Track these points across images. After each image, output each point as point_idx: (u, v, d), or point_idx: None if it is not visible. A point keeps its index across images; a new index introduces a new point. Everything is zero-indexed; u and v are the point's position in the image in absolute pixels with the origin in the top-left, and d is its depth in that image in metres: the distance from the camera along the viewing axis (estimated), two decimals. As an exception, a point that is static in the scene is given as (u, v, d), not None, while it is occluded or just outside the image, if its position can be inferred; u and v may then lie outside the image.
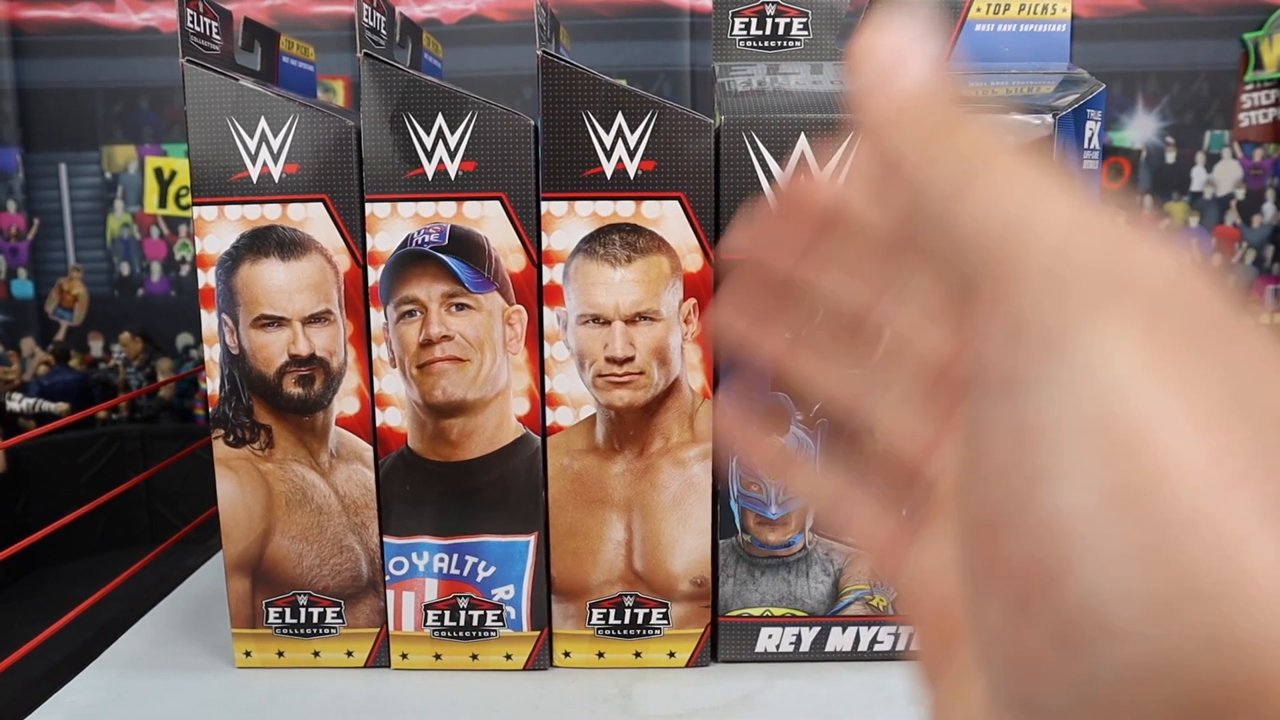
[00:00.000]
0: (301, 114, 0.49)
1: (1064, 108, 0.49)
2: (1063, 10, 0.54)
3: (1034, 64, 0.54)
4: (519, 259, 0.50)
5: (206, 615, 0.60)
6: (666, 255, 0.49)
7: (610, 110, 0.48)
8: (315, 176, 0.50)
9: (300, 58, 0.65)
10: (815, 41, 0.55)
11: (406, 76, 0.48)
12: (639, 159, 0.48)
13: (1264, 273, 1.30)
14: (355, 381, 0.51)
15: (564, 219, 0.49)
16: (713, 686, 0.52)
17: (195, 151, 0.50)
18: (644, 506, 0.52)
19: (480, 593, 0.53)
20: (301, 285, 0.50)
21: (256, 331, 0.51)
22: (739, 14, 0.54)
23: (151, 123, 1.30)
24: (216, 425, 0.52)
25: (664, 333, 0.50)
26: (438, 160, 0.49)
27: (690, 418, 0.51)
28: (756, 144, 0.48)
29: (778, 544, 0.52)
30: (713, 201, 0.49)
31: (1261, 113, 1.23)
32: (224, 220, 0.50)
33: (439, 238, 0.49)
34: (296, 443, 0.52)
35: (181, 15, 0.49)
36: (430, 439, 0.51)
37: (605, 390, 0.50)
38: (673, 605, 0.53)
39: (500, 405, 0.51)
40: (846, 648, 0.54)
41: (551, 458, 0.51)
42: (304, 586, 0.53)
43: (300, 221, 0.50)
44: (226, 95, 0.49)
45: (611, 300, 0.50)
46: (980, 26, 0.54)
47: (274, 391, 0.51)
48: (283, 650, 0.54)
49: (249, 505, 0.52)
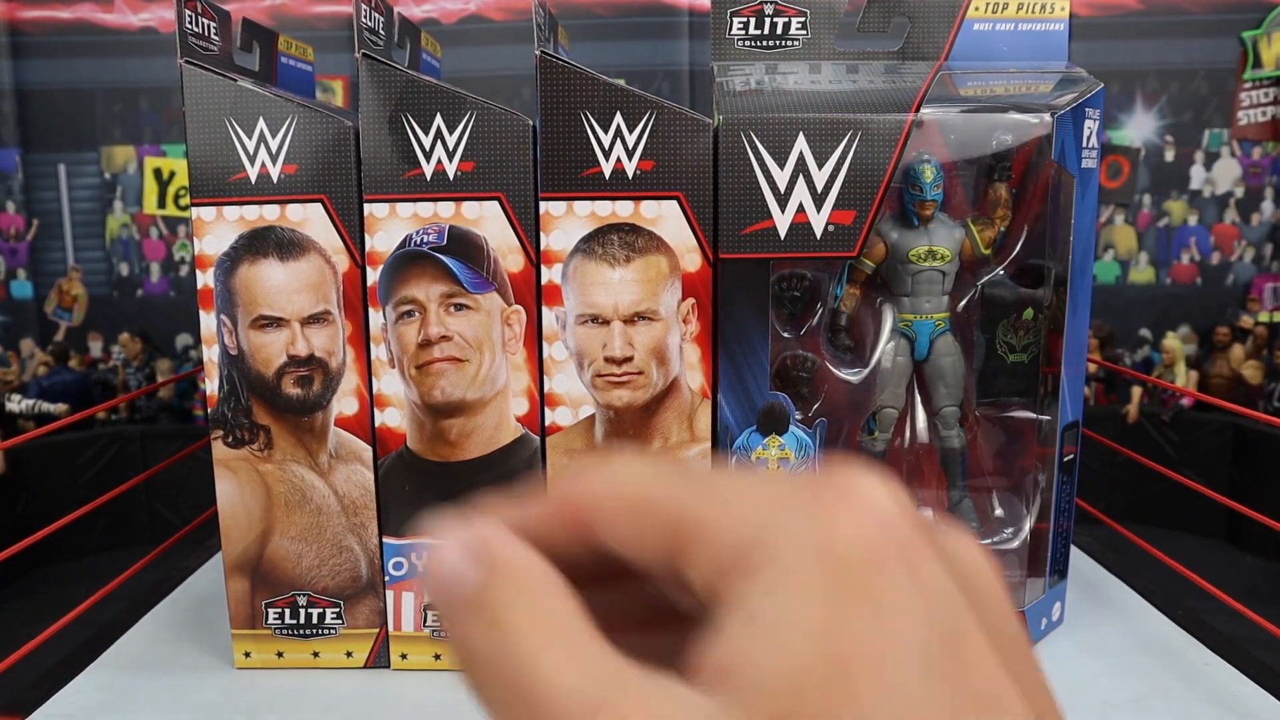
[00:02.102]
0: (300, 114, 0.49)
1: (1062, 106, 0.49)
2: (1061, 9, 0.54)
3: (1032, 63, 0.54)
4: (518, 259, 0.50)
5: (206, 616, 0.60)
6: (665, 255, 0.49)
7: (609, 110, 0.48)
8: (314, 177, 0.50)
9: (299, 58, 0.65)
10: (813, 41, 0.55)
11: (405, 77, 0.48)
12: (637, 159, 0.48)
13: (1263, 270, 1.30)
14: (354, 382, 0.51)
15: (562, 219, 0.49)
16: (712, 686, 0.52)
17: (194, 152, 0.50)
18: (643, 506, 0.52)
19: (480, 593, 0.53)
20: (300, 286, 0.50)
21: (255, 332, 0.51)
22: (737, 14, 0.54)
23: (151, 123, 1.30)
24: (216, 426, 0.52)
25: (663, 332, 0.50)
26: (436, 160, 0.49)
27: (689, 417, 0.51)
28: (755, 143, 0.48)
29: (777, 543, 0.52)
30: (711, 201, 0.49)
31: (1260, 111, 1.23)
32: (223, 221, 0.50)
33: (438, 238, 0.49)
34: (295, 443, 0.52)
35: (180, 16, 0.49)
36: (429, 439, 0.51)
37: (604, 390, 0.50)
38: (672, 605, 0.53)
39: (499, 405, 0.51)
40: (846, 647, 0.54)
41: (551, 457, 0.51)
42: (303, 587, 0.53)
43: (299, 222, 0.50)
44: (225, 96, 0.49)
45: (610, 300, 0.50)
46: (979, 25, 0.54)
47: (273, 392, 0.51)
48: (282, 651, 0.54)
49: (248, 506, 0.52)
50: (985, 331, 0.54)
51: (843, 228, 0.48)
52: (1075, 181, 0.50)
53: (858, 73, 0.53)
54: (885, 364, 0.54)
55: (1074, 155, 0.50)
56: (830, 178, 0.48)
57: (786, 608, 0.16)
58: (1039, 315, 0.52)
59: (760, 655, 0.16)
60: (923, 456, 0.55)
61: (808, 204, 0.48)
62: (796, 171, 0.48)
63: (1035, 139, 0.51)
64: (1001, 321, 0.53)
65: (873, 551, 0.17)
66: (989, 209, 0.52)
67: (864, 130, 0.47)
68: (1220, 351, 1.31)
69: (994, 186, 0.52)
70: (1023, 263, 0.53)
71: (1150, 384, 1.32)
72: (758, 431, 0.51)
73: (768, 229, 0.48)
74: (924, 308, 0.52)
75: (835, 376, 0.54)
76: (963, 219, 0.52)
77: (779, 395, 0.51)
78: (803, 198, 0.48)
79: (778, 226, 0.48)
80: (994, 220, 0.52)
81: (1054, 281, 0.51)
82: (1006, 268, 0.53)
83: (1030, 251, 0.53)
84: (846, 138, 0.47)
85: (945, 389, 0.53)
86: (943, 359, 0.53)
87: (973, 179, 0.52)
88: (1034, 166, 0.51)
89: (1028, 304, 0.53)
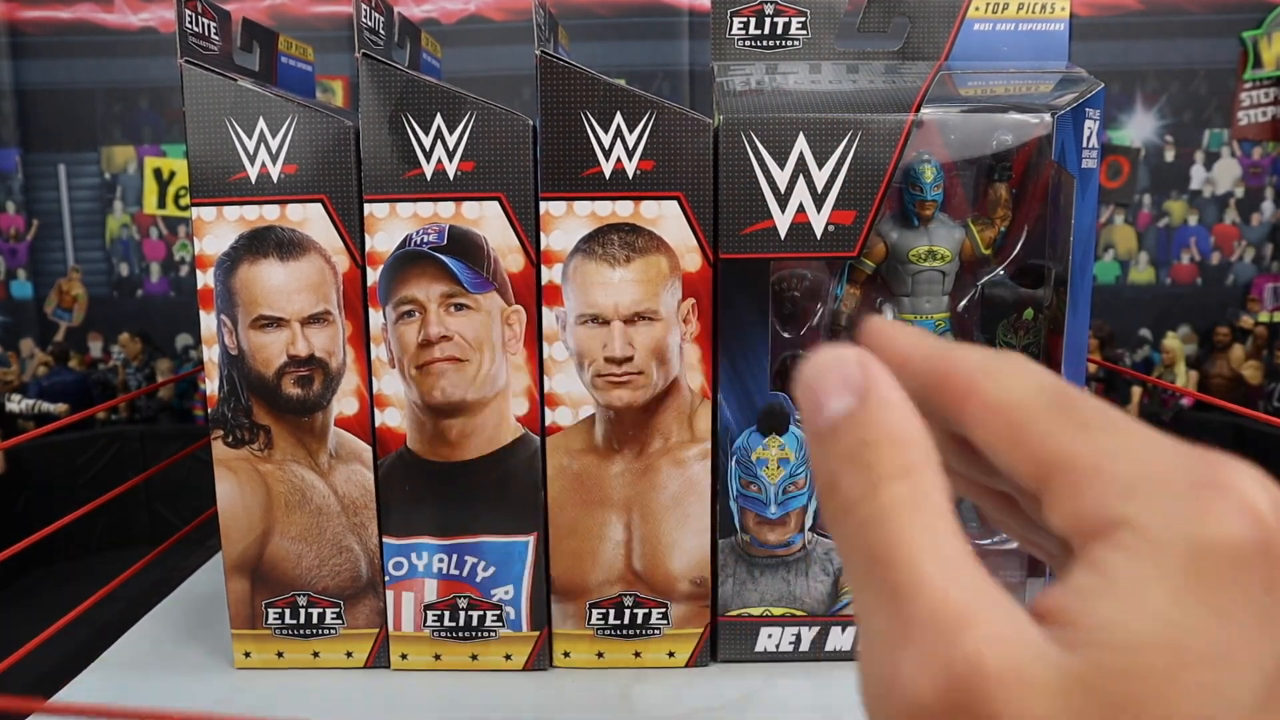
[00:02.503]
0: (300, 114, 0.49)
1: (1063, 107, 0.49)
2: (1061, 9, 0.54)
3: (1033, 63, 0.54)
4: (518, 259, 0.50)
5: (206, 616, 0.60)
6: (665, 255, 0.49)
7: (609, 110, 0.48)
8: (314, 177, 0.50)
9: (299, 58, 0.65)
10: (813, 41, 0.55)
11: (405, 77, 0.48)
12: (637, 159, 0.48)
13: (1263, 270, 1.30)
14: (354, 382, 0.51)
15: (563, 219, 0.49)
16: (712, 686, 0.52)
17: (194, 152, 0.50)
18: (643, 506, 0.52)
19: (480, 593, 0.53)
20: (300, 286, 0.50)
21: (255, 332, 0.51)
22: (737, 14, 0.54)
23: (151, 123, 1.30)
24: (216, 426, 0.52)
25: (663, 332, 0.50)
26: (436, 160, 0.49)
27: (689, 417, 0.51)
28: (755, 143, 0.48)
29: (777, 544, 0.52)
30: (711, 201, 0.49)
31: (1260, 111, 1.24)
32: (223, 221, 0.50)
33: (438, 238, 0.49)
34: (295, 443, 0.52)
35: (180, 16, 0.49)
36: (429, 439, 0.51)
37: (604, 390, 0.50)
38: (672, 605, 0.53)
39: (499, 405, 0.51)
40: (846, 647, 0.54)
41: (551, 458, 0.51)
42: (303, 587, 0.53)
43: (299, 222, 0.50)
44: (225, 96, 0.49)
45: (610, 300, 0.50)
46: (979, 26, 0.54)
47: (273, 392, 0.51)
48: (282, 651, 0.54)
49: (248, 506, 0.52)
50: (985, 331, 0.54)
51: (843, 228, 0.48)
52: (1075, 181, 0.50)
53: (858, 73, 0.53)
54: (885, 364, 0.53)
55: (1074, 155, 0.50)
56: (830, 178, 0.48)
57: (1145, 585, 0.17)
58: (1039, 315, 0.52)
59: (1113, 622, 0.16)
60: (923, 456, 0.55)
61: (808, 204, 0.48)
62: (797, 171, 0.48)
63: (1035, 139, 0.51)
64: (1001, 321, 0.53)
65: (1238, 559, 0.16)
66: (989, 209, 0.52)
67: (864, 130, 0.47)
68: (1220, 351, 1.31)
69: (994, 186, 0.52)
70: (1023, 263, 0.53)
71: (1150, 384, 1.32)
72: (758, 431, 0.51)
73: (768, 229, 0.48)
74: (924, 308, 0.52)
75: (835, 376, 0.54)
76: (963, 219, 0.52)
77: (779, 395, 0.51)
78: (803, 198, 0.48)
79: (778, 226, 0.48)
80: (994, 220, 0.52)
81: (1054, 281, 0.51)
82: (1006, 268, 0.53)
83: (1030, 251, 0.53)
84: (846, 138, 0.47)
85: (945, 389, 0.53)
86: (943, 359, 0.53)
87: (973, 179, 0.52)
88: (1034, 167, 0.51)
89: (1028, 304, 0.53)
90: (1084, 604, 0.17)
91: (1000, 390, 0.20)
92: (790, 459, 0.51)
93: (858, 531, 0.19)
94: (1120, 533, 0.17)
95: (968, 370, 0.20)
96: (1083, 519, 0.18)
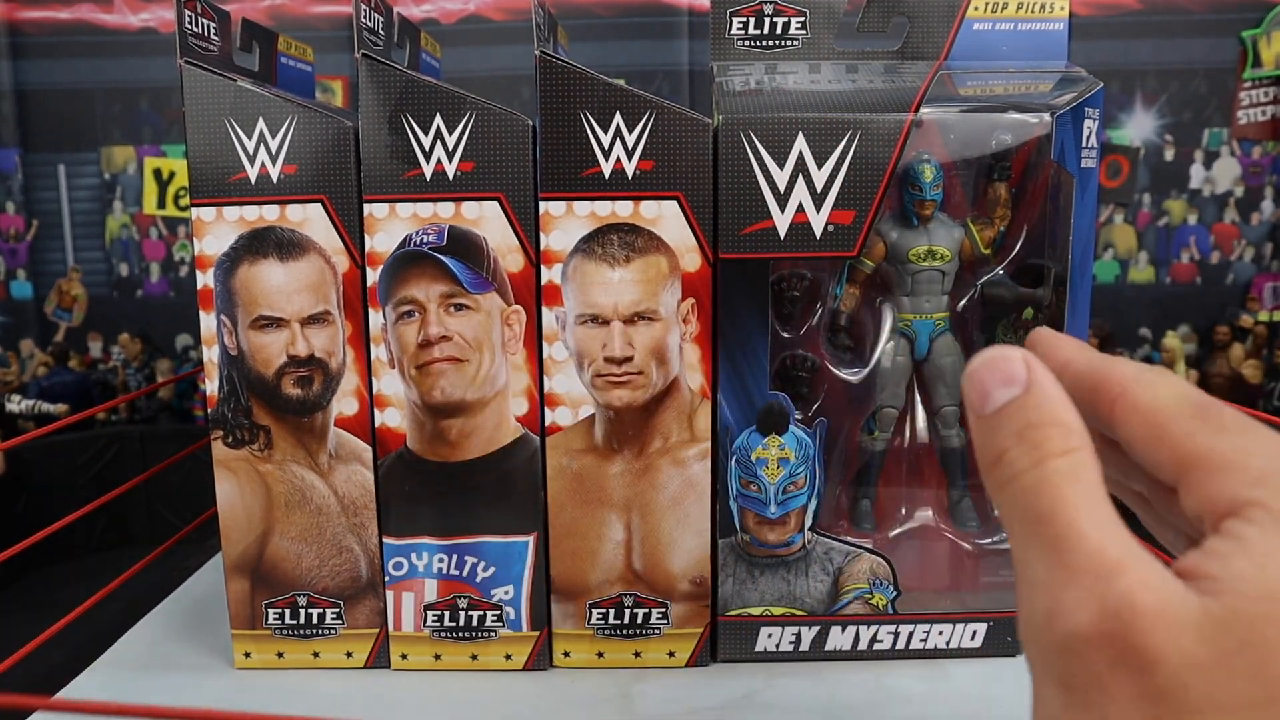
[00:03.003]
0: (300, 114, 0.49)
1: (1062, 106, 0.49)
2: (1060, 8, 0.54)
3: (1032, 62, 0.54)
4: (517, 259, 0.50)
5: (206, 616, 0.60)
6: (665, 255, 0.49)
7: (608, 110, 0.48)
8: (314, 177, 0.50)
9: (298, 58, 0.65)
10: (813, 41, 0.55)
11: (405, 77, 0.48)
12: (637, 159, 0.48)
13: (1263, 270, 1.30)
14: (354, 382, 0.51)
15: (562, 219, 0.49)
16: (712, 686, 0.52)
17: (194, 152, 0.50)
18: (643, 506, 0.52)
19: (480, 593, 0.53)
20: (300, 286, 0.50)
21: (255, 332, 0.51)
22: (737, 13, 0.54)
23: (150, 123, 1.30)
24: (215, 426, 0.52)
25: (662, 332, 0.50)
26: (436, 160, 0.49)
27: (689, 417, 0.51)
28: (754, 143, 0.48)
29: (777, 543, 0.52)
30: (711, 201, 0.49)
31: (1260, 110, 1.24)
32: (222, 221, 0.50)
33: (437, 238, 0.49)
34: (295, 443, 0.52)
35: (180, 16, 0.49)
36: (429, 439, 0.52)
37: (604, 390, 0.50)
38: (672, 605, 0.53)
39: (499, 405, 0.51)
40: (846, 647, 0.54)
41: (550, 458, 0.51)
42: (303, 587, 0.53)
43: (299, 222, 0.50)
44: (225, 96, 0.49)
45: (610, 300, 0.50)
46: (978, 25, 0.54)
47: (273, 392, 0.51)
48: (282, 651, 0.54)
49: (248, 506, 0.52)
50: (985, 331, 0.54)
51: (842, 227, 0.48)
52: (1075, 181, 0.50)
53: (857, 73, 0.53)
54: (885, 364, 0.54)
55: (1073, 155, 0.50)
56: (830, 177, 0.48)
57: (1274, 547, 0.20)
58: (1039, 315, 0.52)
59: (1247, 576, 0.20)
60: (923, 456, 0.55)
61: (807, 204, 0.48)
62: (796, 171, 0.48)
63: (1035, 139, 0.51)
64: (1001, 321, 0.53)
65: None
66: (988, 209, 0.52)
67: (864, 130, 0.47)
68: (1220, 351, 1.31)
69: (993, 186, 0.52)
70: (1022, 262, 0.53)
71: (1150, 383, 1.31)
72: (758, 431, 0.51)
73: (767, 229, 0.48)
74: (924, 307, 0.52)
75: (835, 376, 0.54)
76: (962, 219, 0.52)
77: (779, 395, 0.51)
78: (802, 198, 0.48)
79: (777, 226, 0.48)
80: (994, 220, 0.52)
81: (1054, 281, 0.51)
82: (1006, 267, 0.53)
83: (1030, 251, 0.53)
84: (846, 137, 0.48)
85: (945, 389, 0.53)
86: (943, 359, 0.53)
87: (972, 179, 0.52)
88: (1033, 166, 0.51)
89: (1027, 303, 0.53)
90: (1221, 562, 0.20)
91: (1149, 395, 0.24)
92: (790, 459, 0.51)
93: (1022, 495, 0.22)
94: (1251, 509, 0.21)
95: (1121, 376, 0.24)
96: (1217, 501, 0.21)
